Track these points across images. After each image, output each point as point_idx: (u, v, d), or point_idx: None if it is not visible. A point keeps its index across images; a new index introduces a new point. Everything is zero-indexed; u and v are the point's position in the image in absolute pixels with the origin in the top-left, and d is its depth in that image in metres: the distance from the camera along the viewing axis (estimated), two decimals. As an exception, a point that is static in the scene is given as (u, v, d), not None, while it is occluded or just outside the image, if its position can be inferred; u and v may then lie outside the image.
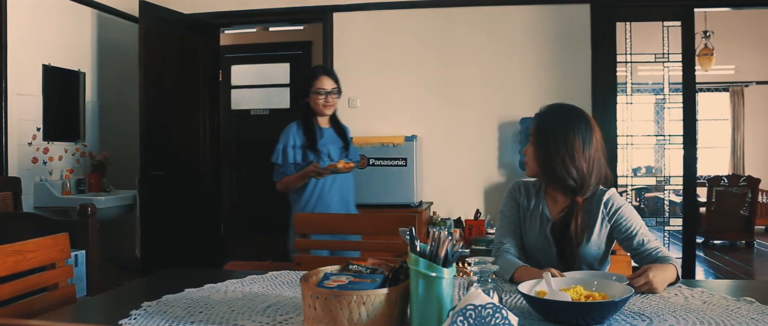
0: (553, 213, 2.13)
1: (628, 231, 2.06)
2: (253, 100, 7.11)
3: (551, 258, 2.11)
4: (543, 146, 2.08)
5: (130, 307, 1.65)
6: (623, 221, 2.07)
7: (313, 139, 3.25)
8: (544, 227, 2.13)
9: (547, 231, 2.12)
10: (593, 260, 2.11)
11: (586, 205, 2.10)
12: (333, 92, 3.28)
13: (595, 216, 2.09)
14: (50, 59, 4.82)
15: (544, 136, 2.09)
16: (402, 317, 1.45)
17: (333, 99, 3.29)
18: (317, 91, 3.24)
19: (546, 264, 2.08)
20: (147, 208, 5.04)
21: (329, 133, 3.35)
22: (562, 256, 2.09)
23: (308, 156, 3.22)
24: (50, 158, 4.84)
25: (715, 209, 7.42)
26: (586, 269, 2.08)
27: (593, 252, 2.09)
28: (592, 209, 2.10)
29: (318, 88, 3.24)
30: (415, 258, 1.40)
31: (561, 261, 2.09)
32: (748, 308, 1.61)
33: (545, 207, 2.16)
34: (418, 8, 5.33)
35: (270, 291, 1.89)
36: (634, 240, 2.05)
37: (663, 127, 5.42)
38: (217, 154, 5.95)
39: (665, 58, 5.32)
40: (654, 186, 5.69)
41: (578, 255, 2.07)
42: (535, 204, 2.18)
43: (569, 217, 2.05)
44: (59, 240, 2.00)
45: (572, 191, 2.06)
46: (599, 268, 2.12)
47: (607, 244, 2.12)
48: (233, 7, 5.63)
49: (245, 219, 7.11)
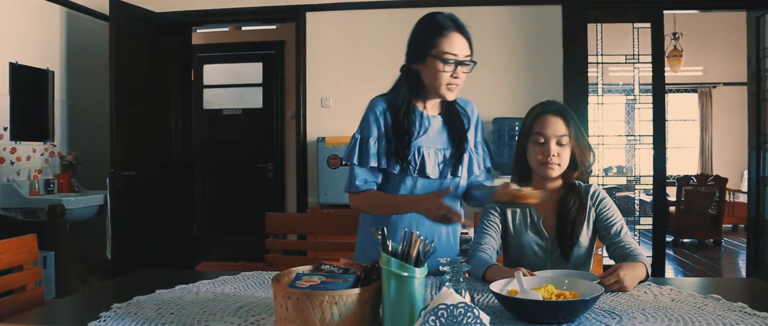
0: (539, 210, 2.17)
1: (609, 221, 2.12)
2: (226, 100, 7.06)
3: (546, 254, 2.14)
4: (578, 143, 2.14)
5: (100, 309, 1.63)
6: (606, 210, 2.14)
7: (405, 132, 2.05)
8: (537, 224, 2.16)
9: (540, 227, 2.15)
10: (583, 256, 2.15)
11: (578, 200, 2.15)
12: (466, 62, 2.02)
13: (584, 208, 2.15)
14: (18, 57, 4.74)
15: (578, 134, 2.15)
16: (374, 317, 1.46)
17: (463, 74, 2.04)
18: (442, 55, 1.98)
19: (541, 263, 2.12)
20: (118, 209, 4.98)
21: (436, 126, 2.14)
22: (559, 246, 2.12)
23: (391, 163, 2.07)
24: (18, 158, 4.76)
25: (684, 208, 7.53)
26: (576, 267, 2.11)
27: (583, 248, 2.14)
28: (582, 202, 2.15)
29: (444, 52, 1.98)
30: (387, 258, 1.40)
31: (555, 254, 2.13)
32: (715, 305, 1.65)
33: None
34: (391, 8, 5.33)
35: (242, 291, 1.88)
36: (612, 229, 2.11)
37: (633, 127, 5.50)
38: (189, 154, 5.90)
39: (635, 59, 5.40)
40: (625, 185, 5.76)
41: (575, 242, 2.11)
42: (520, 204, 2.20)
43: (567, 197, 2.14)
44: (27, 241, 1.97)
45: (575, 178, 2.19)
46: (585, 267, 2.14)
47: (591, 239, 2.17)
48: (205, 6, 5.58)
49: (217, 220, 7.06)
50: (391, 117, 2.07)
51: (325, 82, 5.41)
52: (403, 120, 2.04)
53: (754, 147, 5.30)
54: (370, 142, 2.04)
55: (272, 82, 6.95)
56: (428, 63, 2.00)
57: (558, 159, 2.11)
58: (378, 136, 2.05)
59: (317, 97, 5.43)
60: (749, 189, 5.47)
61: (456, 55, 1.97)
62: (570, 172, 2.16)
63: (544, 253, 2.14)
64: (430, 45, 1.98)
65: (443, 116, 2.15)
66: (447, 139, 2.13)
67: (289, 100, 6.71)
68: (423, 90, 2.07)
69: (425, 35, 2.02)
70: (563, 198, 2.14)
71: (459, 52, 1.98)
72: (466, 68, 2.01)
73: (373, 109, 2.08)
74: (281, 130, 6.92)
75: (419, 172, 2.06)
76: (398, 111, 2.06)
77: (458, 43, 1.98)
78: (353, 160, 2.06)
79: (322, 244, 2.86)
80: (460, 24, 2.01)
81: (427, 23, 2.04)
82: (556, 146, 2.10)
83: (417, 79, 2.06)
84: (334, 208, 4.94)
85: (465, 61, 2.00)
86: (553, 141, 2.10)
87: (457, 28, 1.99)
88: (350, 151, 2.07)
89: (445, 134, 2.14)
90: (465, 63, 2.00)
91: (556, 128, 2.11)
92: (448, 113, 2.15)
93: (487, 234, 2.15)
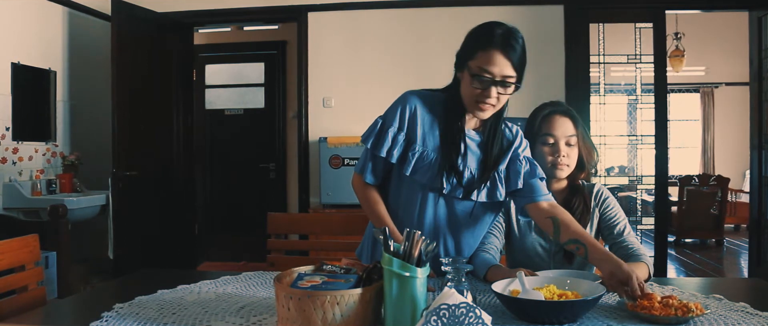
0: None
1: (612, 220, 2.14)
2: (228, 100, 7.06)
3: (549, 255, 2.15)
4: (585, 144, 2.15)
5: (102, 309, 1.63)
6: (610, 210, 2.15)
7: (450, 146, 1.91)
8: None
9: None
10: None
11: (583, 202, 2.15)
12: (506, 84, 1.82)
13: (589, 210, 2.15)
14: (19, 57, 4.74)
15: (585, 135, 2.16)
16: (376, 317, 1.45)
17: (502, 96, 1.85)
18: (476, 70, 1.81)
19: (545, 263, 2.12)
20: (119, 209, 4.98)
21: (471, 143, 1.97)
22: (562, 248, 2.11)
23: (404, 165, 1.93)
24: (20, 158, 4.76)
25: (686, 208, 7.52)
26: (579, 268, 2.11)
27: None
28: (586, 204, 2.15)
29: (478, 67, 1.80)
30: (389, 258, 1.40)
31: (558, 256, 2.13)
32: (717, 304, 1.65)
33: None
34: (393, 8, 5.33)
35: (244, 291, 1.88)
36: (615, 229, 2.12)
37: (635, 127, 5.49)
38: (190, 154, 5.91)
39: (637, 59, 5.39)
40: (627, 185, 5.75)
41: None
42: None
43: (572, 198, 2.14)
44: (29, 241, 1.97)
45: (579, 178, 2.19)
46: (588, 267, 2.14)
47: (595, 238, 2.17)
48: (207, 6, 5.58)
49: (219, 220, 7.06)
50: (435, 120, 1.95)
51: (326, 82, 5.41)
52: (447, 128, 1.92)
53: (756, 147, 5.29)
54: (389, 132, 1.93)
55: (274, 82, 6.94)
56: (464, 75, 1.86)
57: (567, 159, 2.11)
58: (398, 129, 1.93)
59: (319, 97, 5.42)
60: (751, 189, 5.46)
61: (492, 74, 1.78)
62: (576, 173, 2.16)
63: (548, 254, 2.14)
64: (469, 56, 1.82)
65: (481, 134, 1.98)
66: (476, 162, 1.96)
67: (291, 100, 6.71)
68: (460, 103, 1.91)
69: (469, 44, 1.86)
70: (568, 199, 2.14)
71: (496, 71, 1.77)
72: (504, 89, 1.81)
73: (404, 101, 1.96)
74: (283, 130, 6.92)
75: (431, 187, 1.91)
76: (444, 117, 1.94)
77: (498, 62, 1.77)
78: (368, 144, 1.96)
79: (323, 244, 2.86)
80: (508, 41, 1.77)
81: (477, 30, 1.86)
82: (566, 147, 2.11)
83: (458, 88, 1.91)
84: (335, 208, 4.95)
85: (503, 82, 1.80)
86: (563, 141, 2.11)
87: (502, 45, 1.76)
88: (369, 132, 1.97)
89: (476, 156, 1.96)
90: (503, 84, 1.80)
91: (565, 129, 2.11)
92: (489, 133, 1.97)
93: (491, 234, 2.15)
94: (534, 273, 1.80)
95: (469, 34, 1.88)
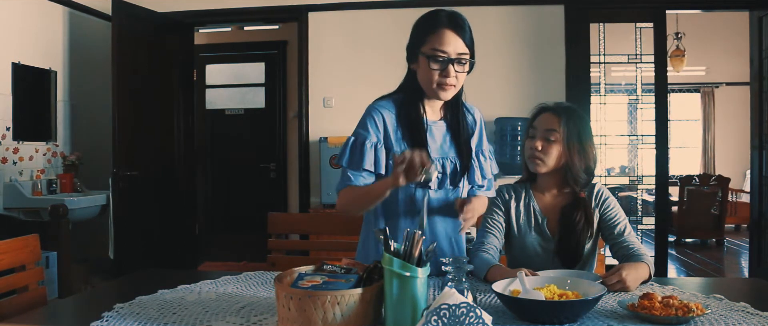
0: (543, 211, 2.17)
1: (612, 221, 2.13)
2: (228, 100, 7.06)
3: (549, 254, 2.14)
4: (570, 144, 2.10)
5: (102, 309, 1.63)
6: (610, 210, 2.14)
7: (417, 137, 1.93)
8: (541, 225, 2.16)
9: (544, 228, 2.15)
10: (586, 256, 2.14)
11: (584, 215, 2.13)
12: (461, 61, 1.87)
13: (590, 223, 2.13)
14: (20, 57, 4.74)
15: (572, 134, 2.11)
16: (376, 317, 1.45)
17: (460, 74, 1.89)
18: (433, 53, 1.86)
19: (544, 263, 2.11)
20: (120, 209, 4.98)
21: (439, 132, 2.00)
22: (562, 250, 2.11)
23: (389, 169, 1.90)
24: (20, 158, 4.76)
25: (687, 208, 7.51)
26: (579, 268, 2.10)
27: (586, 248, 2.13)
28: (588, 217, 2.13)
29: (432, 49, 1.86)
30: (389, 258, 1.40)
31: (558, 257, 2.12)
32: (718, 304, 1.65)
33: (536, 206, 2.19)
34: (394, 8, 5.33)
35: (244, 291, 1.88)
36: (616, 229, 2.11)
37: (636, 127, 5.49)
38: (191, 154, 5.90)
39: (638, 59, 5.39)
40: (627, 185, 5.75)
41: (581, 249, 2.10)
42: (525, 205, 2.20)
43: (574, 212, 2.11)
44: (29, 241, 1.97)
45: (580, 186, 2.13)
46: (588, 267, 2.14)
47: (594, 240, 2.16)
48: (208, 6, 5.58)
49: (219, 220, 7.06)
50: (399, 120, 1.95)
51: (327, 82, 5.41)
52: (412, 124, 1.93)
53: (756, 147, 5.29)
54: (366, 144, 1.89)
55: (274, 82, 6.95)
56: (420, 62, 1.89)
57: (542, 154, 2.10)
58: (375, 140, 1.91)
59: (319, 96, 5.42)
60: (752, 189, 5.46)
61: (446, 52, 1.83)
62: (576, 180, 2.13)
63: (547, 254, 2.14)
64: (421, 43, 1.88)
65: (447, 121, 2.01)
66: (451, 147, 1.99)
67: (292, 100, 6.71)
68: (420, 92, 1.94)
69: (417, 32, 1.92)
70: (569, 209, 2.12)
71: (450, 49, 1.83)
72: (461, 67, 1.86)
73: (371, 112, 1.95)
74: (283, 129, 6.92)
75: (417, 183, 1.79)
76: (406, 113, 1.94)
77: (450, 40, 1.83)
78: (343, 163, 1.92)
79: (324, 244, 2.86)
80: (455, 20, 1.86)
81: (421, 20, 1.94)
82: (543, 141, 2.10)
83: (414, 79, 1.94)
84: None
85: (459, 59, 1.85)
86: (540, 134, 2.12)
87: (449, 24, 1.84)
88: (341, 154, 1.94)
89: (449, 141, 2.00)
90: (458, 61, 1.85)
91: (546, 123, 2.12)
92: (452, 118, 2.01)
93: (491, 234, 2.15)
94: (534, 273, 1.80)
95: (415, 24, 1.95)
